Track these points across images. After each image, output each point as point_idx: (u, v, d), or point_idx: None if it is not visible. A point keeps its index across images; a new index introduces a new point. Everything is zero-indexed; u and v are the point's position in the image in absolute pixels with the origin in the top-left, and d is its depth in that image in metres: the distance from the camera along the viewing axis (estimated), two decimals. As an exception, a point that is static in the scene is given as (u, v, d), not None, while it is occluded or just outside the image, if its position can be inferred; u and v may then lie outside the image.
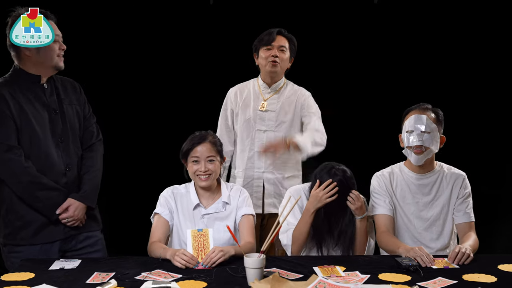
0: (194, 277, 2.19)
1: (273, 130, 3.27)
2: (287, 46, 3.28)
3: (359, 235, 2.67)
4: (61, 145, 2.63)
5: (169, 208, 2.67)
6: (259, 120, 3.28)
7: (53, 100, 2.65)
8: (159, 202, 2.70)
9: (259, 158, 3.27)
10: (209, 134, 2.72)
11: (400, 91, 4.17)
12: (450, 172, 2.78)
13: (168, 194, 2.70)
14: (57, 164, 2.61)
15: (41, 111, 2.60)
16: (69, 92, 2.73)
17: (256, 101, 3.31)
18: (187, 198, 2.69)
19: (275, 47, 3.24)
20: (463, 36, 4.22)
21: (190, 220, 2.64)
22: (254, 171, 3.29)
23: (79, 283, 2.16)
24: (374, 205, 2.77)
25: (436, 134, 2.69)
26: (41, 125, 2.58)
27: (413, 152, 2.68)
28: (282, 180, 3.29)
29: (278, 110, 3.28)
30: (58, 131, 2.63)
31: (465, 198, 2.75)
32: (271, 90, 3.32)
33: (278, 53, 3.24)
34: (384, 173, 2.82)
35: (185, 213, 2.66)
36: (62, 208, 2.58)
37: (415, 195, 2.76)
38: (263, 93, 3.32)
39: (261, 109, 3.28)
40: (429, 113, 2.71)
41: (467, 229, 2.72)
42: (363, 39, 4.24)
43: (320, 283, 2.09)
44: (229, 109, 3.39)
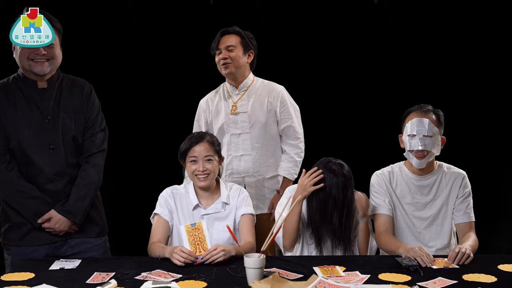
0: (194, 277, 2.19)
1: (247, 132, 3.21)
2: (236, 42, 3.18)
3: (361, 235, 2.66)
4: (51, 153, 2.55)
5: (168, 208, 2.67)
6: (233, 124, 3.22)
7: (48, 106, 2.57)
8: (159, 202, 2.70)
9: (237, 164, 3.22)
10: (206, 134, 2.72)
11: (400, 91, 4.17)
12: (450, 171, 2.77)
13: (167, 194, 2.70)
14: (45, 172, 2.55)
15: (33, 117, 2.54)
16: (72, 98, 2.63)
17: (227, 105, 3.25)
18: (187, 198, 2.69)
19: (222, 49, 3.17)
20: (463, 36, 4.22)
21: (190, 220, 2.64)
22: (234, 177, 3.23)
23: (79, 283, 2.15)
24: (374, 205, 2.76)
25: (437, 138, 2.68)
26: (32, 131, 2.53)
27: (415, 157, 2.67)
28: (263, 181, 3.25)
29: (250, 111, 3.21)
30: (49, 138, 2.55)
31: (465, 197, 2.75)
32: (240, 91, 3.25)
33: (228, 53, 3.16)
34: (384, 172, 2.81)
35: (184, 214, 2.66)
36: (43, 219, 2.53)
37: (414, 195, 2.76)
38: (232, 96, 3.25)
39: (233, 113, 3.21)
40: (431, 115, 2.68)
41: (467, 229, 2.71)
42: (363, 39, 4.24)
43: (320, 283, 2.09)
44: (203, 119, 3.32)
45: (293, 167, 3.24)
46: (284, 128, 3.25)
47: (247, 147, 3.21)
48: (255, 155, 3.22)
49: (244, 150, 3.22)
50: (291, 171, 3.23)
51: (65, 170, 2.59)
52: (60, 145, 2.57)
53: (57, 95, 2.60)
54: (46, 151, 2.55)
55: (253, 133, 3.21)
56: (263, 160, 3.23)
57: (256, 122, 3.21)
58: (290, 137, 3.26)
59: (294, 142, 3.26)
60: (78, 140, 2.63)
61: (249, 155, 3.22)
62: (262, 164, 3.23)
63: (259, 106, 3.22)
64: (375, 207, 2.75)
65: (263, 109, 3.21)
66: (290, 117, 3.25)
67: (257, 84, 3.27)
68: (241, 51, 3.20)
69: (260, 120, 3.21)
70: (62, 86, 2.63)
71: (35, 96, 2.57)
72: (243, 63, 3.22)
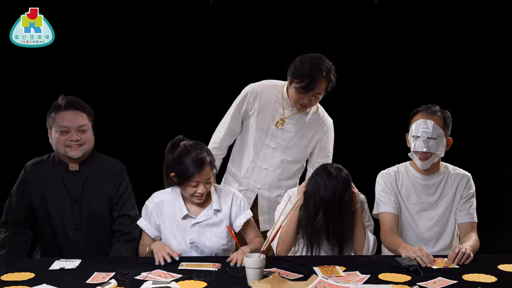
0: (194, 277, 2.19)
1: (282, 150, 3.07)
2: (324, 89, 2.93)
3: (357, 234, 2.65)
4: (78, 233, 2.69)
5: (153, 223, 2.60)
6: (271, 136, 3.06)
7: (76, 188, 2.70)
8: (143, 212, 2.64)
9: (258, 174, 3.11)
10: (204, 154, 2.52)
11: (401, 91, 4.17)
12: (455, 172, 2.78)
13: (152, 206, 2.61)
14: (73, 250, 2.67)
15: (62, 198, 2.69)
16: (101, 179, 2.74)
17: (275, 114, 3.06)
18: (174, 205, 2.59)
19: (313, 93, 2.91)
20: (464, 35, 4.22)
21: (179, 229, 2.56)
22: (250, 183, 3.12)
23: (79, 283, 2.16)
24: (379, 203, 2.77)
25: (442, 140, 2.68)
26: (59, 212, 2.68)
27: (419, 158, 2.68)
28: (277, 197, 3.12)
29: (294, 133, 3.06)
30: (77, 219, 2.69)
31: (468, 198, 2.75)
32: (293, 109, 3.05)
33: (312, 98, 2.93)
34: (390, 172, 2.82)
35: (173, 222, 2.58)
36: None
37: (420, 195, 2.76)
38: (284, 108, 3.06)
39: (277, 126, 3.06)
40: (436, 117, 2.68)
41: (468, 229, 2.72)
42: (363, 39, 4.24)
43: (320, 283, 2.09)
44: (244, 108, 3.09)
45: None
46: (319, 163, 2.93)
47: (274, 164, 3.09)
48: (278, 173, 3.10)
49: (270, 166, 3.09)
50: None
51: (89, 248, 2.70)
52: (86, 225, 2.70)
53: (88, 176, 2.73)
54: (74, 231, 2.68)
55: (286, 153, 3.08)
56: (283, 179, 3.13)
57: (295, 145, 3.08)
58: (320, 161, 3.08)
59: None
60: (104, 220, 2.74)
61: (273, 172, 3.10)
62: (281, 182, 3.12)
63: (305, 132, 3.08)
64: (380, 206, 2.75)
65: (307, 137, 3.08)
66: (328, 154, 3.13)
67: (311, 110, 3.09)
68: (322, 96, 2.99)
69: (299, 145, 3.08)
70: (92, 167, 2.75)
71: (66, 177, 2.70)
72: None
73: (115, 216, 2.75)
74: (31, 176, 2.70)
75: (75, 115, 2.65)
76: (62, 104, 2.66)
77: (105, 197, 2.73)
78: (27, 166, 2.74)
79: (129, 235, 2.72)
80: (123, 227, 2.73)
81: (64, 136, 2.64)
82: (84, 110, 2.69)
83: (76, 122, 2.65)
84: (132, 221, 2.73)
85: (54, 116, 2.66)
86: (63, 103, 2.66)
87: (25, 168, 2.74)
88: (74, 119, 2.65)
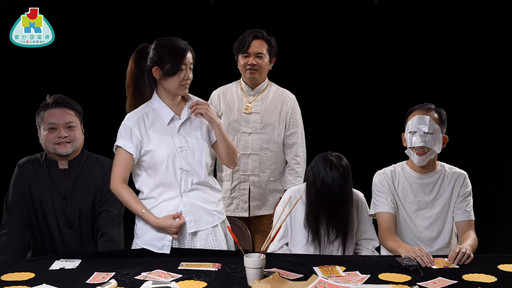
0: (194, 277, 2.19)
1: (258, 132, 3.26)
2: (265, 51, 3.22)
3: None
4: (70, 231, 2.70)
5: (134, 141, 2.48)
6: (244, 122, 3.27)
7: (66, 186, 2.70)
8: (120, 133, 2.52)
9: (244, 161, 3.27)
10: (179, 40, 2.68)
11: (400, 90, 4.18)
12: (451, 171, 2.78)
13: (131, 123, 2.50)
14: (66, 248, 2.68)
15: (53, 196, 2.69)
16: (91, 177, 2.73)
17: (240, 104, 3.29)
18: (157, 114, 2.53)
19: (252, 54, 3.19)
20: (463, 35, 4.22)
21: (166, 136, 2.51)
22: (240, 174, 3.29)
23: (79, 283, 2.16)
24: (376, 203, 2.77)
25: (438, 135, 2.69)
26: (49, 210, 2.68)
27: (416, 153, 2.69)
28: (266, 182, 3.30)
29: (263, 112, 3.27)
30: (68, 217, 2.69)
31: (465, 196, 2.76)
32: (255, 93, 3.30)
33: (256, 60, 3.20)
34: (386, 171, 2.82)
35: (158, 132, 2.51)
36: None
37: (416, 194, 2.77)
38: (247, 95, 3.30)
39: (246, 111, 3.27)
40: (432, 113, 2.71)
41: (466, 228, 2.72)
42: (363, 39, 4.25)
43: (320, 283, 2.09)
44: None
45: (296, 178, 3.28)
46: (290, 134, 3.30)
47: (255, 147, 3.26)
48: (262, 156, 3.28)
49: (253, 150, 3.26)
50: (295, 182, 3.25)
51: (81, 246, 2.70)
52: (77, 223, 2.70)
53: (77, 174, 2.73)
54: (65, 229, 2.70)
55: (263, 134, 3.27)
56: (268, 161, 3.29)
57: (268, 124, 3.27)
58: (290, 146, 3.31)
59: (294, 150, 3.30)
60: (95, 218, 2.73)
61: (257, 155, 3.27)
62: (267, 165, 3.29)
63: (272, 109, 3.28)
64: (378, 206, 2.75)
65: (275, 113, 3.28)
66: (297, 124, 3.32)
67: (272, 88, 3.33)
68: (268, 59, 3.24)
69: (272, 122, 3.27)
70: (82, 165, 2.74)
71: (55, 175, 2.71)
72: (266, 70, 3.28)
73: (98, 212, 2.74)
74: (23, 173, 2.72)
75: (63, 112, 2.67)
76: (49, 102, 2.68)
77: (95, 195, 2.73)
78: (20, 163, 2.76)
79: (106, 236, 2.69)
80: (101, 224, 2.71)
81: (52, 134, 2.65)
82: (71, 107, 2.71)
83: (64, 119, 2.66)
84: (111, 218, 2.71)
85: (42, 114, 2.68)
86: (50, 101, 2.68)
87: (18, 165, 2.75)
88: (62, 116, 2.66)
